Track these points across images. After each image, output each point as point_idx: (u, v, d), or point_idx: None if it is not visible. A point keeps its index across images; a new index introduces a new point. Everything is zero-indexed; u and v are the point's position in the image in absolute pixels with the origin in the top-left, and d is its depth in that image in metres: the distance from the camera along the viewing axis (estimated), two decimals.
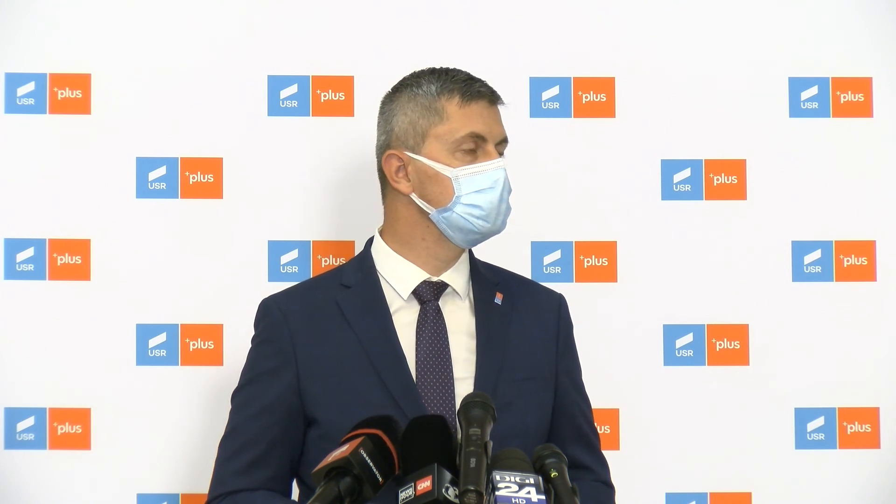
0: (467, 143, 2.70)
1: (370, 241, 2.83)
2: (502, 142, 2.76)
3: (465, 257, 2.81)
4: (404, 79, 2.80)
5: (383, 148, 2.77)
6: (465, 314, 2.76)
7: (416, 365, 2.68)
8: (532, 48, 3.46)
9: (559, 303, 2.86)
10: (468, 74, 2.76)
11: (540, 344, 2.78)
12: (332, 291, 2.76)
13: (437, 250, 2.75)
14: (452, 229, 2.72)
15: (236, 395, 2.76)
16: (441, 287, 2.76)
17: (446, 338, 2.71)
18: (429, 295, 2.75)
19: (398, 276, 2.76)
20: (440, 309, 2.74)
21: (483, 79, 2.77)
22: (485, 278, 2.80)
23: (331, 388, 2.67)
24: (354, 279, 2.77)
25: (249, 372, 2.75)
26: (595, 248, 3.44)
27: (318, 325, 2.71)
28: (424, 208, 2.72)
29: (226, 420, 2.76)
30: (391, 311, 2.73)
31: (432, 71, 2.77)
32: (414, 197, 2.73)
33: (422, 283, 2.75)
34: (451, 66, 2.79)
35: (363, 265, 2.79)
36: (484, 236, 2.75)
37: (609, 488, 2.84)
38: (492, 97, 2.74)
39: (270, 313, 2.76)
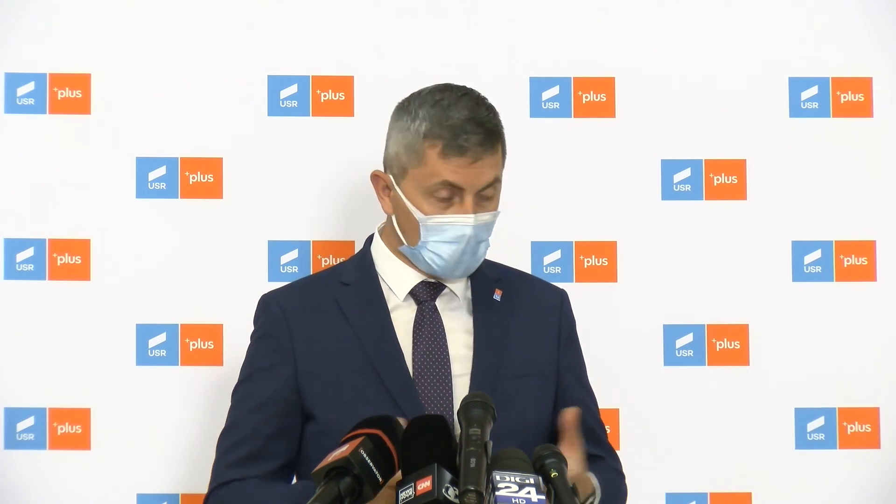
0: (441, 192, 2.66)
1: (370, 239, 2.83)
2: (491, 185, 2.68)
3: None
4: (414, 97, 2.72)
5: (383, 162, 2.77)
6: (462, 312, 2.76)
7: (414, 362, 2.69)
8: (532, 48, 3.46)
9: (561, 298, 2.86)
10: (468, 117, 2.64)
11: (541, 340, 2.78)
12: (332, 289, 2.76)
13: None
14: (419, 263, 2.73)
15: (236, 391, 2.77)
16: (438, 288, 2.76)
17: (444, 336, 2.71)
18: (426, 295, 2.75)
19: (396, 276, 2.76)
20: (437, 309, 2.75)
21: (482, 117, 2.65)
22: (484, 275, 2.80)
23: (329, 384, 2.67)
24: (354, 277, 2.78)
25: (248, 367, 2.76)
26: (595, 248, 3.44)
27: (317, 322, 2.72)
28: (400, 237, 2.73)
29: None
30: (389, 309, 2.73)
31: (436, 102, 2.67)
32: (394, 220, 2.74)
33: (419, 283, 2.75)
34: (463, 89, 2.70)
35: (363, 263, 2.80)
36: (446, 279, 2.74)
37: (621, 476, 2.84)
38: (479, 150, 2.64)
39: (269, 309, 2.76)
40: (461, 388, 2.64)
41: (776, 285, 3.45)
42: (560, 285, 2.93)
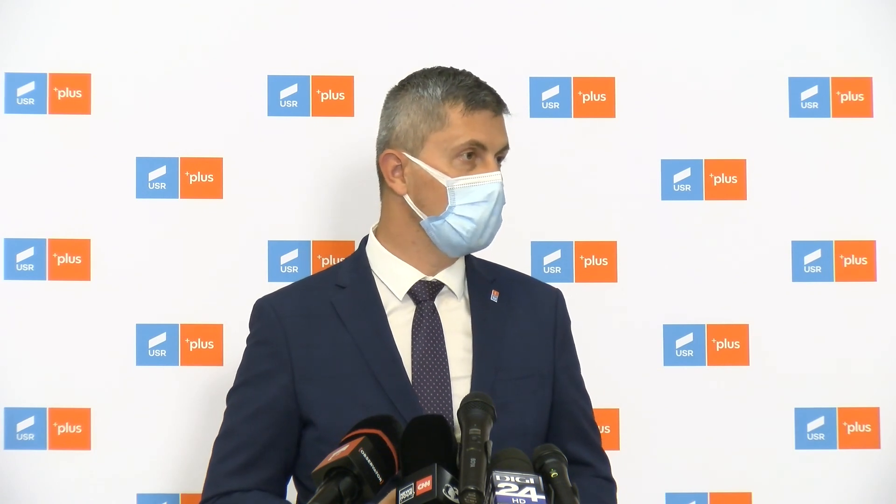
0: (467, 151, 2.68)
1: (365, 240, 2.83)
2: (504, 149, 2.74)
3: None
4: (412, 76, 2.77)
5: (383, 145, 2.76)
6: (461, 313, 2.76)
7: (413, 366, 2.68)
8: (532, 48, 3.46)
9: (556, 298, 2.86)
10: (476, 80, 2.73)
11: (537, 341, 2.78)
12: (327, 292, 2.75)
13: (428, 255, 2.74)
14: (441, 238, 2.71)
15: (231, 396, 2.75)
16: (436, 286, 2.75)
17: (442, 338, 2.71)
18: (424, 295, 2.74)
19: (393, 276, 2.75)
20: (436, 309, 2.74)
21: (490, 84, 2.74)
22: (480, 276, 2.80)
23: (326, 390, 2.66)
24: (349, 279, 2.76)
25: (245, 373, 2.75)
26: (595, 248, 3.44)
27: (314, 327, 2.71)
28: (417, 213, 2.72)
29: None
30: (387, 311, 2.72)
31: (440, 72, 2.74)
32: (408, 199, 2.73)
33: (417, 282, 2.75)
34: (460, 68, 2.76)
35: (358, 265, 2.78)
36: (469, 249, 2.74)
37: (609, 483, 2.83)
38: (497, 107, 2.72)
39: (265, 315, 2.75)
40: (460, 391, 2.63)
41: (776, 285, 3.45)
42: (560, 285, 2.93)
